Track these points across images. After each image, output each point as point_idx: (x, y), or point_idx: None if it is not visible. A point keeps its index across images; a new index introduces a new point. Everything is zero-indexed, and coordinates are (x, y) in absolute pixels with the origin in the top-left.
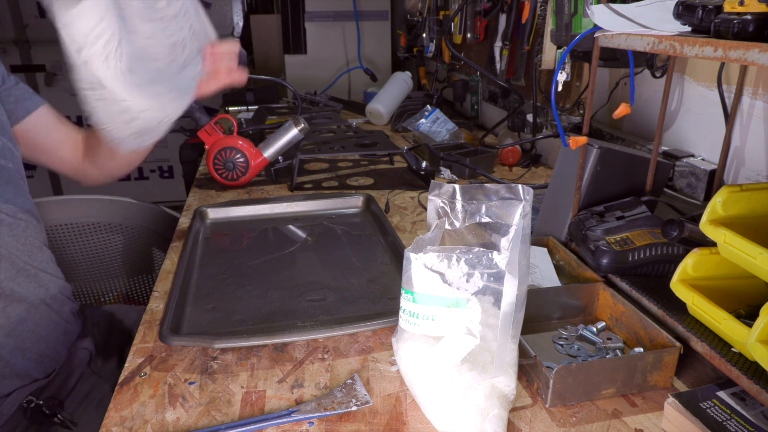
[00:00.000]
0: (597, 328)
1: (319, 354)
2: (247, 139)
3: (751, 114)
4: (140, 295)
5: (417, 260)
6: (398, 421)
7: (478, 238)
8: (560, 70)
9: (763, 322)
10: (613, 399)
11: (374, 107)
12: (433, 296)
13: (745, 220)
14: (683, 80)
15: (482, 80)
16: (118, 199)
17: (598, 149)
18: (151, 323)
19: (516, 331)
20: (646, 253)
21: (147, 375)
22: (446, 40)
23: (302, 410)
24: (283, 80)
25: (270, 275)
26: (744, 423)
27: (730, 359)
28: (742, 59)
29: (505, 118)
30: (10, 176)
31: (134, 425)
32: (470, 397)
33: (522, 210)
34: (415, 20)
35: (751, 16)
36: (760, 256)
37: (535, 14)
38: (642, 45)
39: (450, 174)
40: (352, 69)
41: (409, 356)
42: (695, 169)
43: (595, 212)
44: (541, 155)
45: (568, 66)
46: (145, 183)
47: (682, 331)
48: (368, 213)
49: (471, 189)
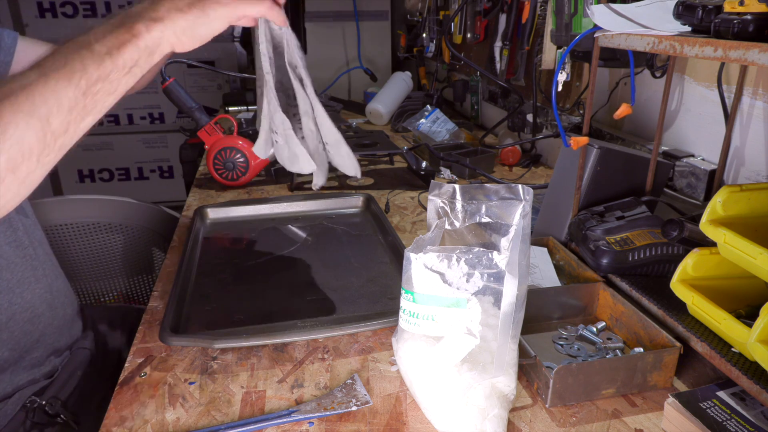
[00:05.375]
0: (597, 328)
1: (319, 354)
2: (247, 139)
3: (751, 114)
4: (140, 295)
5: (417, 260)
6: (398, 421)
7: (478, 238)
8: (560, 70)
9: (763, 322)
10: (613, 399)
11: (374, 107)
12: (433, 296)
13: (745, 220)
14: (683, 80)
15: (482, 80)
16: (118, 199)
17: (598, 149)
18: (151, 323)
19: (516, 331)
20: (646, 253)
21: (147, 375)
22: (446, 40)
23: (302, 410)
24: None
25: (270, 275)
26: (744, 423)
27: (730, 359)
28: (742, 59)
29: (505, 118)
30: None
31: (134, 425)
32: (470, 397)
33: (522, 210)
34: (415, 20)
35: (751, 16)
36: (760, 256)
37: (535, 14)
38: (642, 45)
39: (450, 174)
40: (352, 69)
41: (409, 356)
42: (695, 169)
43: (595, 212)
44: (541, 155)
45: (568, 66)
46: (145, 183)
47: (682, 331)
48: (368, 213)
49: (471, 189)
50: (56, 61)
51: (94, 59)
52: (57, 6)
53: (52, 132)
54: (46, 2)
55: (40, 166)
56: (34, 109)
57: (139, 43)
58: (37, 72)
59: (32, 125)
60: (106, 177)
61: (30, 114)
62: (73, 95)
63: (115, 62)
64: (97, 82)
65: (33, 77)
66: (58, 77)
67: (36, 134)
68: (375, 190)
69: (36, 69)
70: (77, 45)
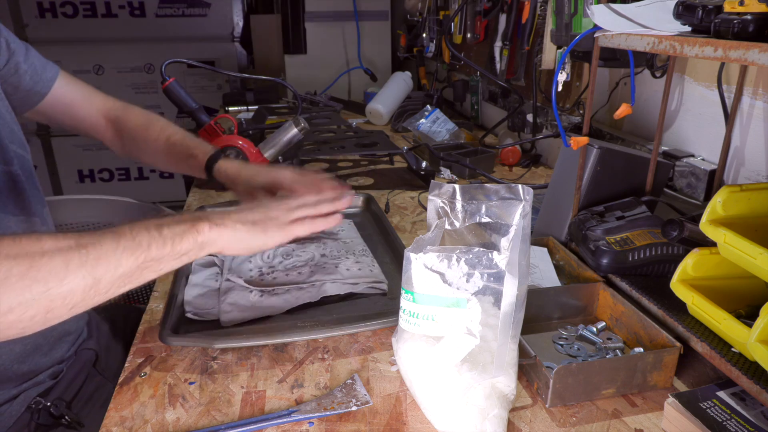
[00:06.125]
0: (597, 328)
1: (319, 354)
2: (247, 139)
3: (751, 114)
4: (140, 295)
5: (417, 260)
6: (398, 421)
7: (478, 238)
8: (560, 70)
9: (763, 322)
10: (613, 399)
11: (374, 107)
12: (433, 296)
13: (745, 220)
14: (683, 80)
15: (482, 80)
16: (118, 199)
17: (598, 149)
18: (151, 323)
19: (516, 331)
20: (646, 253)
21: (147, 375)
22: (446, 40)
23: (302, 410)
24: (283, 80)
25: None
26: (744, 423)
27: (730, 359)
28: (742, 59)
29: (505, 118)
30: (21, 184)
31: (134, 425)
32: (470, 397)
33: (522, 210)
34: (415, 20)
35: (751, 16)
36: (760, 256)
37: (535, 14)
38: (642, 45)
39: (450, 174)
40: (352, 69)
41: (409, 356)
42: (695, 169)
43: (595, 212)
44: (541, 155)
45: (568, 66)
46: (145, 183)
47: (682, 331)
48: (368, 213)
49: (471, 189)
50: (131, 232)
51: (158, 241)
52: (57, 6)
53: (96, 290)
54: (46, 2)
55: (65, 314)
56: (96, 267)
57: (198, 238)
58: (112, 237)
59: (86, 280)
60: (106, 177)
61: (90, 271)
62: (129, 266)
63: (173, 248)
64: (153, 260)
65: (107, 239)
66: (125, 246)
67: (84, 288)
68: (375, 190)
69: (111, 233)
70: (151, 224)
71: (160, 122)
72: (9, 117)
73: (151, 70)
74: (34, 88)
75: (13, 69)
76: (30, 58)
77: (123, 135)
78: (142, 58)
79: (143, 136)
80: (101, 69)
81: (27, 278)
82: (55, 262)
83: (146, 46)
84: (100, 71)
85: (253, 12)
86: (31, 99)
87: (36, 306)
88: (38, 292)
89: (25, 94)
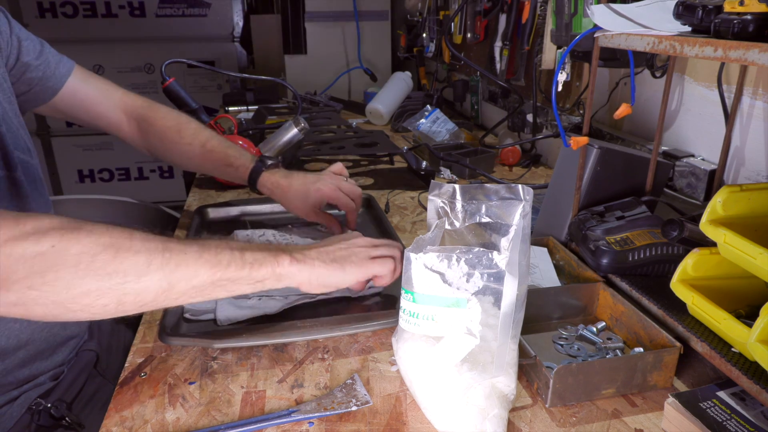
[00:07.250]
0: (597, 328)
1: (319, 354)
2: (247, 139)
3: (751, 114)
4: None
5: (417, 260)
6: (398, 421)
7: (478, 238)
8: (560, 70)
9: (763, 322)
10: (613, 399)
11: (374, 107)
12: (433, 296)
13: (745, 220)
14: (683, 80)
15: (482, 80)
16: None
17: (598, 149)
18: (151, 323)
19: (516, 331)
20: (646, 253)
21: (147, 375)
22: (446, 40)
23: (302, 410)
24: (283, 80)
25: None
26: (744, 423)
27: (730, 359)
28: (742, 59)
29: (505, 118)
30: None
31: (134, 425)
32: (470, 397)
33: (522, 210)
34: (415, 20)
35: (751, 16)
36: (760, 256)
37: (535, 14)
38: (642, 45)
39: (450, 174)
40: (352, 69)
41: (409, 356)
42: (695, 169)
43: (595, 212)
44: (541, 155)
45: (568, 66)
46: (145, 183)
47: (682, 331)
48: (368, 213)
49: (471, 189)
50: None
51: (238, 263)
52: (57, 6)
53: (167, 295)
54: (46, 2)
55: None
56: (174, 272)
57: (276, 269)
58: (197, 248)
59: (161, 283)
60: (106, 177)
61: (168, 274)
62: (204, 279)
63: (250, 273)
64: (228, 280)
65: (192, 249)
66: (206, 260)
67: (157, 290)
68: (375, 190)
69: (198, 245)
70: (236, 246)
71: (192, 125)
72: (16, 121)
73: (151, 70)
74: (46, 84)
75: (24, 67)
76: (44, 54)
77: (149, 134)
78: (142, 58)
79: (173, 138)
80: (101, 69)
81: (110, 267)
82: (138, 258)
83: (146, 46)
84: (100, 71)
85: (253, 12)
86: (44, 94)
87: (110, 295)
88: (116, 282)
89: (39, 90)
